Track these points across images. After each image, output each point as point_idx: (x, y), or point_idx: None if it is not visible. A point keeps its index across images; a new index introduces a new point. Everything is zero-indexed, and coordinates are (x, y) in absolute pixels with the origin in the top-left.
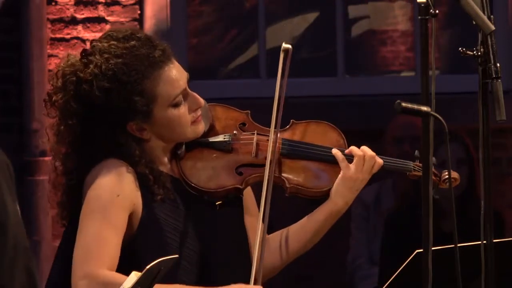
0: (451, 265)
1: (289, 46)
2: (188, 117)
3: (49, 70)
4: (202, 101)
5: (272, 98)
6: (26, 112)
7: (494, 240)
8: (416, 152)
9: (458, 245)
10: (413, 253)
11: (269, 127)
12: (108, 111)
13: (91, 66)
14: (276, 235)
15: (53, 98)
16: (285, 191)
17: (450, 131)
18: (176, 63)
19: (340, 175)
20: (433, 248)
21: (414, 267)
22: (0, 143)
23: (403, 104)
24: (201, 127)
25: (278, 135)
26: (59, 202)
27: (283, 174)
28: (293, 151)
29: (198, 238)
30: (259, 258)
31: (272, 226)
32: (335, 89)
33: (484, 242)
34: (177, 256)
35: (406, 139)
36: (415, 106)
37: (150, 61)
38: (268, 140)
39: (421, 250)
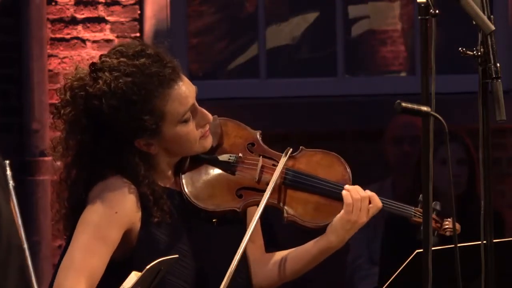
0: (451, 265)
1: (290, 150)
2: (197, 133)
3: (49, 70)
4: (210, 117)
5: (272, 98)
6: (26, 112)
7: (494, 240)
8: (420, 197)
9: (458, 245)
10: (413, 253)
11: (270, 127)
12: (117, 128)
13: (100, 82)
14: (276, 255)
15: (62, 112)
16: (283, 219)
17: (450, 131)
18: (185, 79)
19: (340, 215)
20: (433, 248)
21: (414, 267)
22: (0, 143)
23: (403, 104)
24: (209, 142)
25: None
26: (63, 211)
27: (281, 203)
28: (295, 182)
29: (195, 257)
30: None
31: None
32: (335, 89)
33: (484, 242)
34: (177, 256)
35: (406, 139)
36: (415, 106)
37: (160, 80)
38: (273, 165)
39: (421, 250)
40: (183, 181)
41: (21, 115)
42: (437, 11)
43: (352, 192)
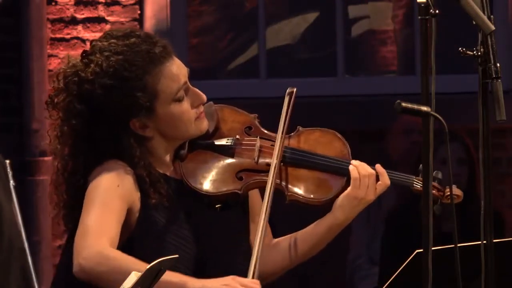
0: (451, 265)
1: (294, 89)
2: (191, 112)
3: (49, 70)
4: (204, 96)
5: (272, 98)
6: (26, 112)
7: (494, 240)
8: (421, 167)
9: (458, 245)
10: (413, 253)
11: (270, 127)
12: (111, 109)
13: (92, 65)
14: (284, 239)
15: (55, 100)
16: (285, 199)
17: (450, 131)
18: (177, 59)
19: (347, 192)
20: (433, 248)
21: (414, 267)
22: (0, 143)
23: (403, 104)
24: (205, 124)
25: (282, 141)
26: (62, 203)
27: (283, 182)
28: (294, 160)
29: (195, 242)
30: (257, 257)
31: (274, 227)
32: (335, 89)
33: (484, 242)
34: (177, 256)
35: (416, 130)
36: (415, 106)
37: (151, 56)
38: (271, 145)
39: (421, 250)
40: (183, 168)
41: (21, 115)
42: (437, 11)
43: (360, 168)
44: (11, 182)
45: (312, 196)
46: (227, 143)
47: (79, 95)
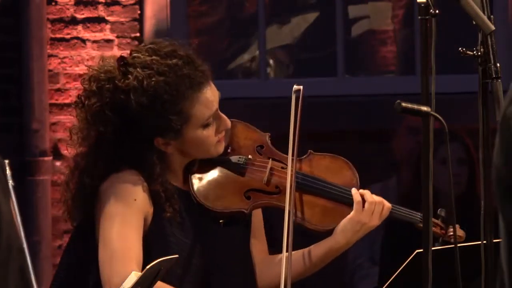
0: (451, 265)
1: (300, 87)
2: (215, 138)
3: (49, 70)
4: (229, 123)
5: (272, 98)
6: (26, 112)
7: (494, 240)
8: (439, 211)
9: (458, 245)
10: (413, 253)
11: (272, 128)
12: (141, 125)
13: (131, 77)
14: (280, 257)
15: (86, 102)
16: None
17: (451, 131)
18: (212, 85)
19: (350, 216)
20: (433, 248)
21: (414, 267)
22: (0, 143)
23: (403, 104)
24: (223, 147)
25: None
26: (70, 200)
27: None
28: (304, 185)
29: (202, 255)
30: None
31: (274, 241)
32: (335, 89)
33: (484, 242)
34: (177, 256)
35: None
36: (415, 106)
37: (191, 82)
38: (282, 167)
39: (421, 250)
40: (192, 181)
41: (21, 115)
42: (437, 11)
43: (366, 195)
44: (10, 182)
45: (317, 223)
46: (239, 162)
47: (112, 103)
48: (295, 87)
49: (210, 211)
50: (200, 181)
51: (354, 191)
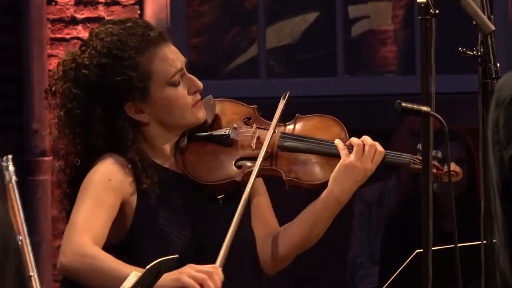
0: (451, 265)
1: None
2: (188, 98)
3: (49, 70)
4: (200, 84)
5: (272, 98)
6: (26, 112)
7: (494, 240)
8: (419, 146)
9: (458, 245)
10: (413, 253)
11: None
12: (105, 89)
13: (88, 49)
14: (283, 227)
15: (53, 88)
16: (284, 185)
17: (451, 131)
18: (173, 47)
19: (339, 163)
20: (433, 248)
21: (414, 267)
22: (0, 143)
23: (403, 104)
24: (202, 113)
25: (279, 128)
26: (62, 197)
27: (281, 167)
28: (291, 145)
29: (192, 230)
30: (227, 246)
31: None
32: (335, 89)
33: (484, 242)
34: (177, 256)
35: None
36: (415, 106)
37: (145, 38)
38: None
39: (421, 250)
40: (183, 161)
41: (21, 115)
42: (437, 11)
43: (353, 140)
44: (13, 178)
45: (310, 180)
46: (225, 133)
47: (75, 80)
48: (286, 94)
49: (204, 187)
50: (190, 159)
51: (336, 141)
